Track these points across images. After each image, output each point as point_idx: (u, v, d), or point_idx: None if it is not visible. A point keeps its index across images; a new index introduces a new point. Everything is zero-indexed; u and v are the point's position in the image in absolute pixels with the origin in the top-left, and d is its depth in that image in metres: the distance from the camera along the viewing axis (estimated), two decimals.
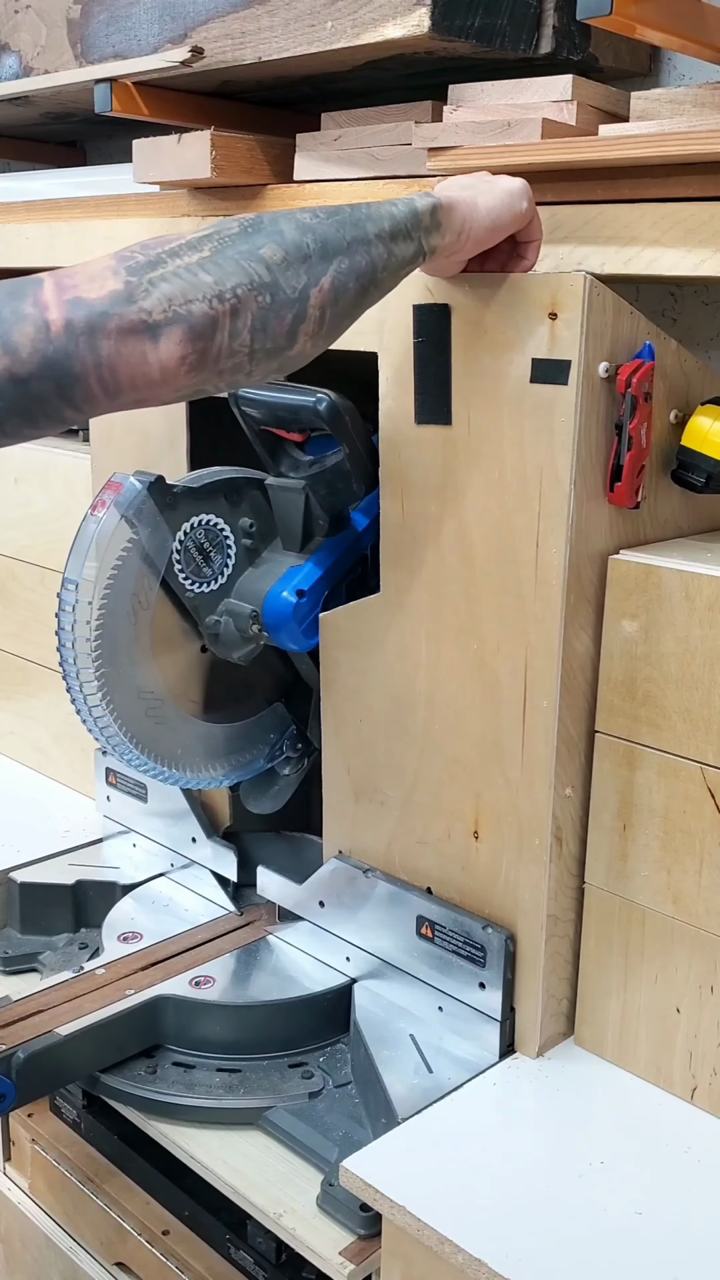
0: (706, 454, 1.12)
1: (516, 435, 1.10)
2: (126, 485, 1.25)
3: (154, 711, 1.32)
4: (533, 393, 1.08)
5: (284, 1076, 1.24)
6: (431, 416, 1.16)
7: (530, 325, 1.07)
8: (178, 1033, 1.28)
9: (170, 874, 1.57)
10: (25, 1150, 1.48)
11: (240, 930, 1.45)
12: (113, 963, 1.36)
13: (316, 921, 1.38)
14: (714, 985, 1.11)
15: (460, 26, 1.18)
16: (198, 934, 1.43)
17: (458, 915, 1.22)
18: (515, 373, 1.09)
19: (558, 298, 1.05)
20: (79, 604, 1.24)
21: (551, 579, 1.10)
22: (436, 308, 1.13)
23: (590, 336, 1.05)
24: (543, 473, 1.09)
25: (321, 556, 1.30)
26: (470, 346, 1.12)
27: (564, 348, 1.05)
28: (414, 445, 1.18)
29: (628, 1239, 0.99)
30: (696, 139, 1.01)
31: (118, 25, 1.48)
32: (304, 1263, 1.12)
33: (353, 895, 1.32)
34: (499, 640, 1.15)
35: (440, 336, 1.14)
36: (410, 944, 1.27)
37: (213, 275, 0.90)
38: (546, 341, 1.06)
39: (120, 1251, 1.36)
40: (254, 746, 1.44)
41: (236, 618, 1.31)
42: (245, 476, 1.34)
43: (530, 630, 1.12)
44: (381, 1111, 1.15)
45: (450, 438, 1.15)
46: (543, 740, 1.13)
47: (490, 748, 1.17)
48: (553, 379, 1.06)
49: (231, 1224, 1.25)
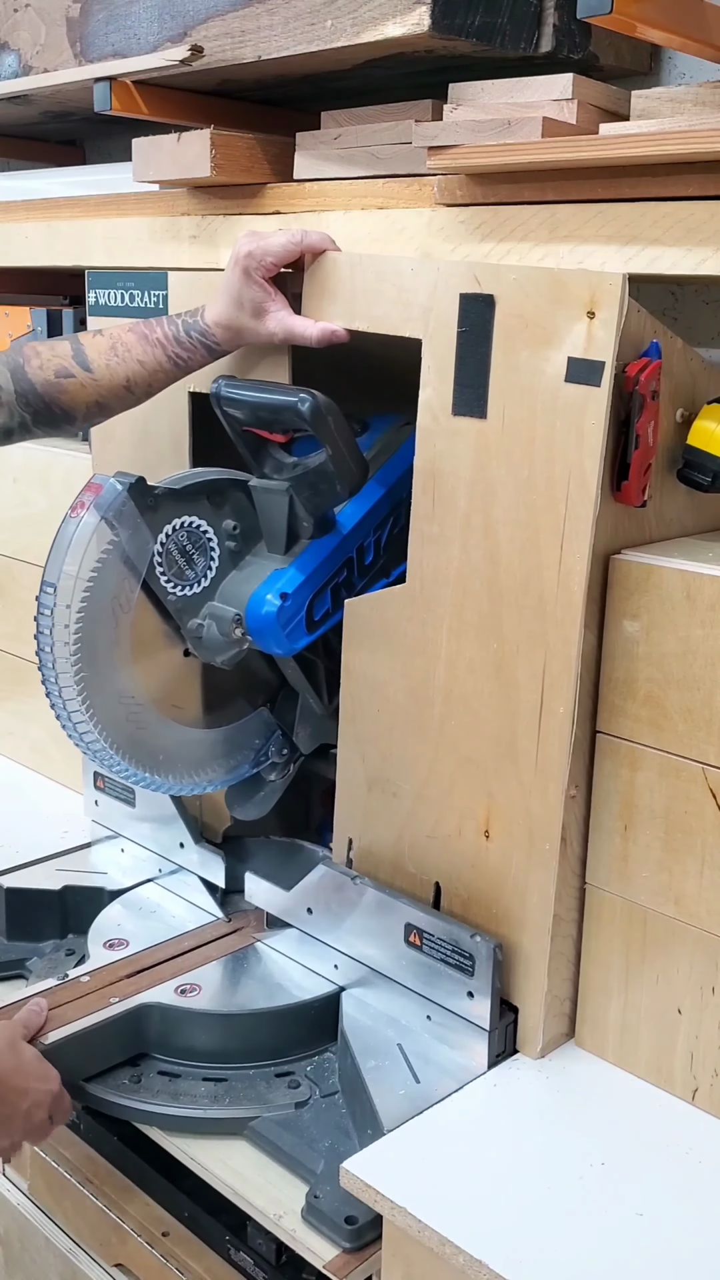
0: (712, 453, 1.12)
1: (548, 434, 1.09)
2: (106, 486, 1.23)
3: (135, 717, 1.30)
4: (565, 392, 1.07)
5: (270, 1086, 1.23)
6: (468, 408, 1.15)
7: (570, 322, 1.06)
8: (163, 1041, 1.27)
9: (158, 879, 1.56)
10: (25, 1151, 1.47)
11: (228, 937, 1.44)
12: (98, 970, 1.36)
13: (304, 929, 1.37)
14: (715, 986, 1.11)
15: (460, 25, 1.18)
16: (185, 941, 1.43)
17: (446, 924, 1.21)
18: (551, 370, 1.08)
19: (596, 296, 1.05)
20: (57, 607, 1.22)
21: (573, 585, 1.09)
22: (482, 298, 1.12)
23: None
24: (570, 475, 1.08)
25: (306, 559, 1.29)
26: (510, 340, 1.11)
27: (599, 348, 1.05)
28: (449, 436, 1.17)
29: (628, 1239, 0.98)
30: (697, 138, 1.01)
31: (117, 24, 1.47)
32: (304, 1264, 1.12)
33: (341, 902, 1.32)
34: (519, 642, 1.14)
35: (483, 327, 1.13)
36: (398, 952, 1.26)
37: None
38: (584, 340, 1.06)
39: (120, 1253, 1.36)
40: (239, 752, 1.42)
41: (219, 621, 1.29)
42: (229, 478, 1.32)
43: (550, 635, 1.12)
44: (368, 1122, 1.14)
45: (484, 431, 1.14)
46: (557, 746, 1.13)
47: (505, 749, 1.17)
48: (586, 380, 1.06)
49: (231, 1225, 1.25)
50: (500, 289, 1.11)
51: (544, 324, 1.08)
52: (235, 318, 1.26)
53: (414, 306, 1.17)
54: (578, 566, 1.09)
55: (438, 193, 1.24)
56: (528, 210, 1.17)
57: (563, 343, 1.07)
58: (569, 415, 1.08)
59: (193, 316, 1.29)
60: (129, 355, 1.27)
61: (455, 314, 1.15)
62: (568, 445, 1.08)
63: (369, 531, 1.31)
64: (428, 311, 1.17)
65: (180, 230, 1.51)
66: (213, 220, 1.47)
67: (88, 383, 1.27)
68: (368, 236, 1.30)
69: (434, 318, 1.17)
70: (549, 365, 1.08)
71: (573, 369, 1.07)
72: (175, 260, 1.52)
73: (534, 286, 1.09)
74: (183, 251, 1.51)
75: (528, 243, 1.18)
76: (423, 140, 1.19)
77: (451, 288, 1.14)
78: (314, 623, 1.29)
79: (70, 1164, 1.42)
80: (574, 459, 1.08)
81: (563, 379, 1.07)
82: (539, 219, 1.17)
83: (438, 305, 1.16)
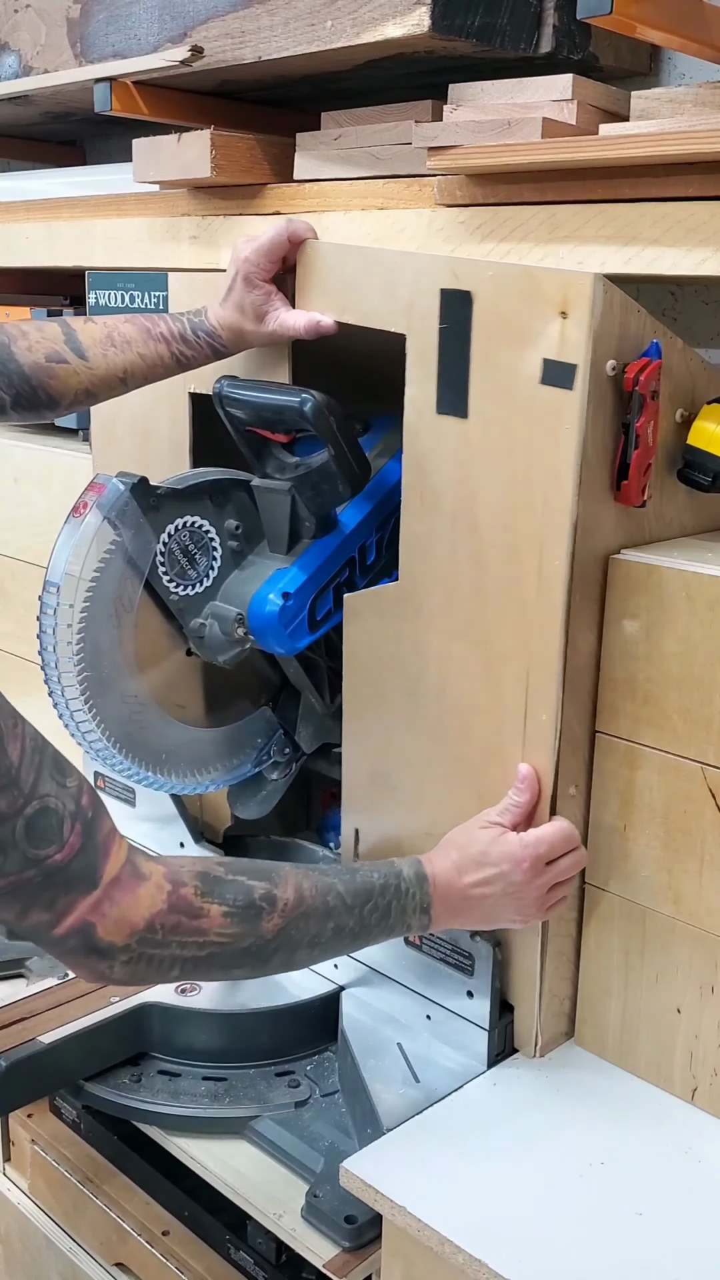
0: (712, 453, 1.12)
1: (526, 437, 1.09)
2: (109, 486, 1.23)
3: (138, 716, 1.30)
4: (542, 394, 1.07)
5: (270, 1085, 1.23)
6: (450, 408, 1.14)
7: (544, 322, 1.06)
8: (163, 1040, 1.27)
9: None
10: (25, 1150, 1.47)
11: None
12: None
13: None
14: (715, 985, 1.11)
15: (460, 26, 1.18)
16: None
17: None
18: (527, 370, 1.08)
19: (568, 296, 1.04)
20: (60, 607, 1.22)
21: (553, 591, 1.09)
22: (460, 294, 1.11)
23: (598, 338, 1.04)
24: (547, 479, 1.08)
25: (308, 559, 1.28)
26: (489, 338, 1.10)
27: (572, 350, 1.04)
28: (433, 435, 1.16)
29: (628, 1239, 0.98)
30: (696, 138, 1.01)
31: (117, 24, 1.48)
32: (304, 1263, 1.12)
33: None
34: (504, 647, 1.14)
35: (462, 325, 1.11)
36: (398, 951, 1.26)
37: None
38: (557, 342, 1.05)
39: (120, 1252, 1.36)
40: (241, 751, 1.42)
41: (222, 621, 1.29)
42: (231, 478, 1.32)
43: (532, 641, 1.11)
44: (368, 1121, 1.14)
45: (465, 431, 1.14)
46: (542, 753, 1.13)
47: (493, 754, 1.17)
48: (559, 383, 1.06)
49: (231, 1224, 1.25)
50: (478, 285, 1.10)
51: (520, 323, 1.07)
52: (238, 322, 1.26)
53: (398, 300, 1.16)
54: (557, 575, 1.08)
55: (438, 193, 1.24)
56: (528, 210, 1.17)
57: (537, 343, 1.06)
58: (546, 418, 1.07)
59: (198, 316, 1.28)
60: (129, 347, 1.26)
61: (436, 309, 1.13)
62: (545, 449, 1.07)
63: (371, 531, 1.31)
64: (410, 305, 1.16)
65: (180, 231, 1.51)
66: (213, 221, 1.47)
67: (81, 370, 1.24)
68: (368, 237, 1.30)
69: (416, 312, 1.15)
70: (525, 366, 1.07)
71: (547, 371, 1.06)
72: (175, 261, 1.52)
73: (510, 284, 1.08)
74: (183, 252, 1.52)
75: (528, 243, 1.18)
76: (423, 141, 1.20)
77: (434, 282, 1.13)
78: (316, 622, 1.29)
79: (70, 1163, 1.42)
80: (550, 463, 1.07)
81: (538, 381, 1.07)
82: (539, 219, 1.17)
83: (420, 299, 1.14)
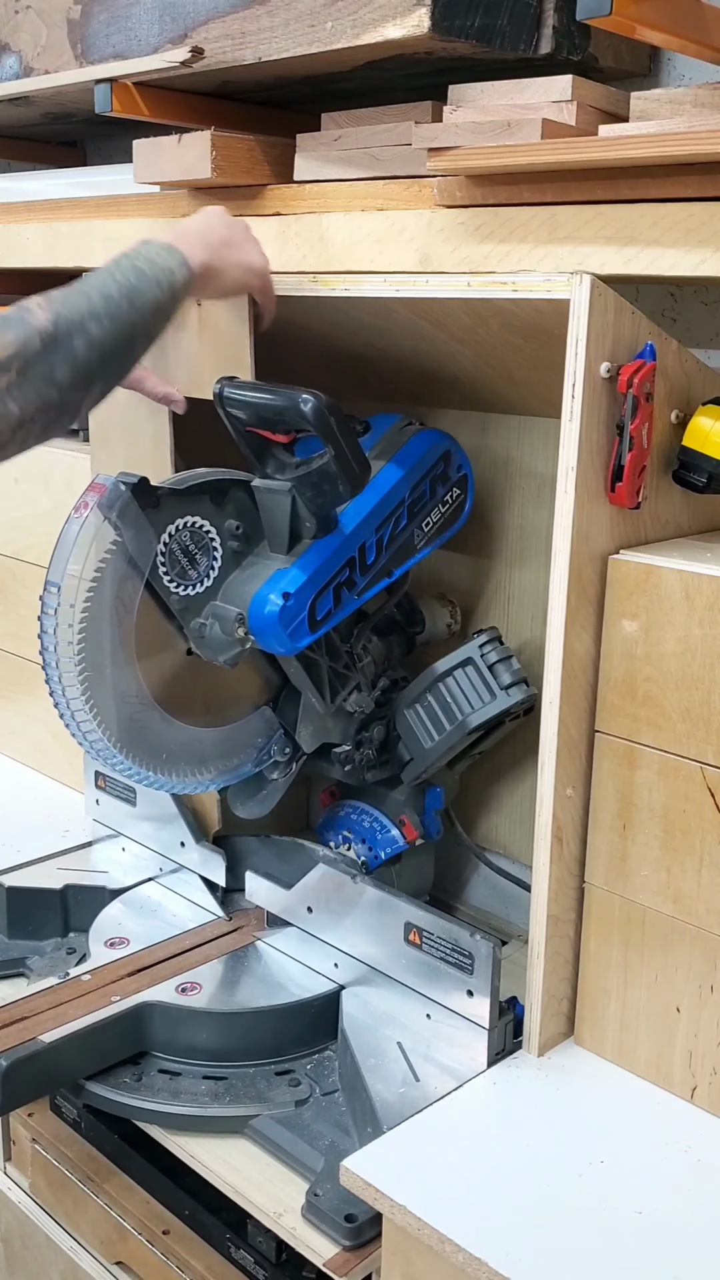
0: (707, 454, 1.12)
1: None
2: (110, 486, 1.23)
3: (138, 715, 1.30)
4: None
5: (270, 1084, 1.24)
6: None
7: None
8: (164, 1039, 1.28)
9: (159, 879, 1.56)
10: (25, 1150, 1.48)
11: (228, 936, 1.44)
12: (99, 968, 1.36)
13: (305, 927, 1.38)
14: (714, 984, 1.11)
15: (460, 27, 1.18)
16: (185, 939, 1.43)
17: (446, 922, 1.22)
18: None
19: None
20: (61, 607, 1.23)
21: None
22: None
23: (591, 342, 1.04)
24: None
25: (309, 559, 1.28)
26: None
27: None
28: None
29: (628, 1238, 0.99)
30: (696, 139, 1.01)
31: (118, 25, 1.48)
32: (304, 1262, 1.12)
33: (341, 901, 1.32)
34: None
35: None
36: (398, 951, 1.26)
37: (17, 404, 1.02)
38: None
39: (120, 1251, 1.36)
40: (241, 751, 1.42)
41: (222, 621, 1.29)
42: (231, 478, 1.32)
43: None
44: (368, 1120, 1.15)
45: None
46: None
47: None
48: None
49: (232, 1223, 1.25)
50: None
51: None
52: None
53: None
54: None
55: (437, 194, 1.24)
56: (527, 211, 1.17)
57: None
58: None
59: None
60: None
61: None
62: None
63: (371, 531, 1.31)
64: None
65: None
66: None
67: None
68: (368, 238, 1.30)
69: None
70: None
71: None
72: None
73: None
74: None
75: (527, 244, 1.18)
76: (422, 142, 1.20)
77: None
78: (316, 622, 1.29)
79: (71, 1162, 1.42)
80: None
81: None
82: (538, 220, 1.17)
83: None
